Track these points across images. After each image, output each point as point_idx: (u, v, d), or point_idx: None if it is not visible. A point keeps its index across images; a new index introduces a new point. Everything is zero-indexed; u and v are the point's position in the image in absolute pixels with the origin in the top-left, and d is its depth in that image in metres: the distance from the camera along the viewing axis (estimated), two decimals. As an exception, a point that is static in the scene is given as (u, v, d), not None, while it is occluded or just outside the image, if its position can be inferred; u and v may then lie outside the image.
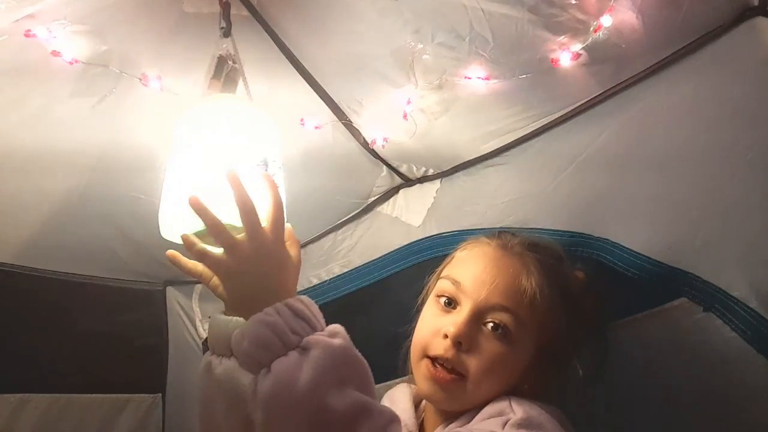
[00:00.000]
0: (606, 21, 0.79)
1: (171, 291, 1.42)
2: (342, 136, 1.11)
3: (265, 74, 0.95)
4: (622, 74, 0.87)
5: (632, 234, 0.87)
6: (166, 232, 0.71)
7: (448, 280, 0.80)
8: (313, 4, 0.89)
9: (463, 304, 0.77)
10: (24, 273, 1.20)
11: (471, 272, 0.78)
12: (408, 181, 1.22)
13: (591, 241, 0.91)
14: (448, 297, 0.78)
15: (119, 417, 1.32)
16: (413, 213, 1.19)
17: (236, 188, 0.62)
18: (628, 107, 0.89)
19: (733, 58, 0.78)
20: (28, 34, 0.82)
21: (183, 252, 0.77)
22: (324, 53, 0.97)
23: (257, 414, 0.57)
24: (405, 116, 1.02)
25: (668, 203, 0.84)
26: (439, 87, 0.96)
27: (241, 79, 0.82)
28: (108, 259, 1.28)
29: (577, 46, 0.83)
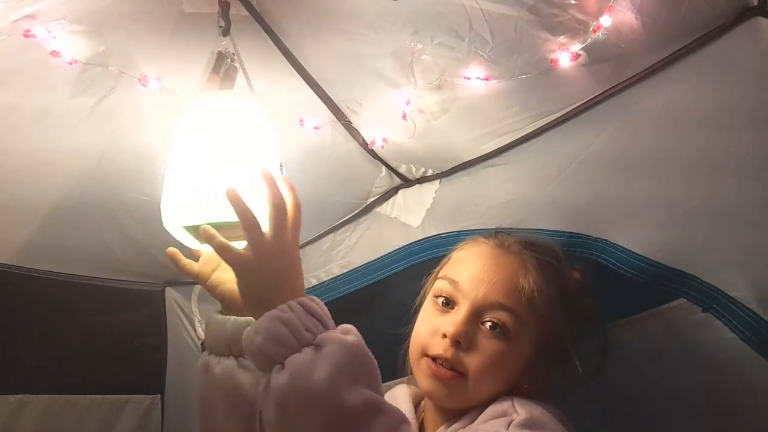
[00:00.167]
0: (605, 21, 0.79)
1: (170, 291, 1.42)
2: (341, 137, 1.11)
3: (264, 74, 0.95)
4: (622, 74, 0.87)
5: (631, 234, 0.87)
6: (169, 223, 0.70)
7: (445, 279, 0.80)
8: (313, 5, 0.89)
9: (461, 303, 0.77)
10: (23, 273, 1.20)
11: (468, 271, 0.78)
12: (407, 182, 1.22)
13: (590, 241, 0.91)
14: (445, 297, 0.78)
15: (118, 417, 1.32)
16: (412, 213, 1.19)
17: (270, 187, 0.64)
18: (627, 107, 0.89)
19: (733, 58, 0.78)
20: (27, 34, 0.82)
21: (183, 251, 0.78)
22: (323, 53, 0.97)
23: (270, 410, 0.57)
24: (404, 116, 1.02)
25: (667, 203, 0.84)
26: (439, 87, 0.96)
27: (243, 75, 0.82)
28: (107, 260, 1.27)
29: (577, 46, 0.83)
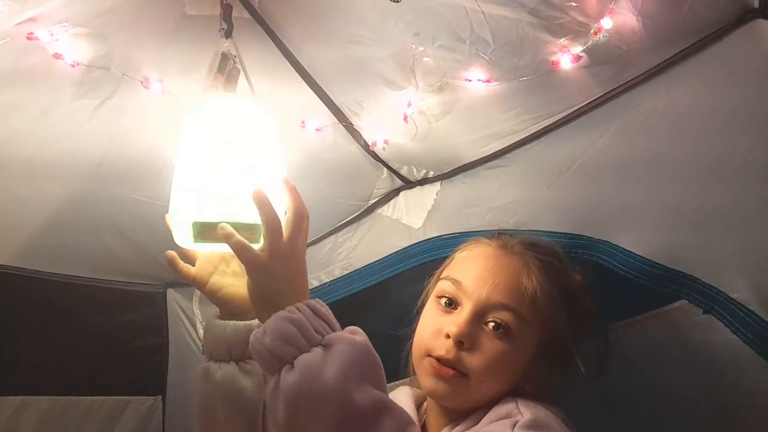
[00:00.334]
0: (606, 23, 0.79)
1: (171, 293, 1.43)
2: (343, 139, 1.12)
3: (266, 76, 0.95)
4: (623, 77, 0.87)
5: (632, 236, 0.87)
6: (179, 219, 0.70)
7: (448, 280, 0.80)
8: (314, 7, 0.90)
9: (463, 303, 0.77)
10: (25, 275, 1.20)
11: (471, 272, 0.78)
12: (408, 184, 1.22)
13: (591, 243, 0.91)
14: (448, 298, 0.78)
15: (120, 419, 1.33)
16: (414, 215, 1.20)
17: (292, 193, 0.67)
18: (628, 110, 0.89)
19: (734, 61, 0.78)
20: (30, 37, 0.82)
21: (180, 254, 0.77)
22: (325, 56, 0.97)
23: (279, 411, 0.57)
24: (405, 118, 1.02)
25: (668, 205, 0.84)
26: (440, 89, 0.97)
27: (244, 78, 0.82)
28: (109, 261, 1.28)
29: (578, 48, 0.83)
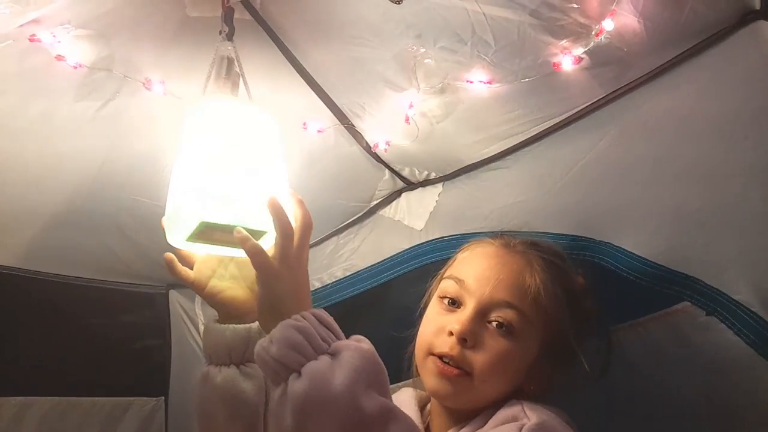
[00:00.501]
0: (608, 25, 0.79)
1: (174, 294, 1.43)
2: (344, 140, 1.12)
3: (267, 78, 0.96)
4: (624, 78, 0.87)
5: (634, 237, 0.87)
6: (188, 215, 0.70)
7: (451, 279, 0.80)
8: (316, 8, 0.90)
9: (467, 302, 0.77)
10: (27, 276, 1.21)
11: (474, 270, 0.78)
12: (410, 185, 1.22)
13: (593, 244, 0.91)
14: (451, 297, 0.78)
15: (122, 420, 1.32)
16: (415, 216, 1.20)
17: (300, 203, 0.68)
18: (629, 111, 0.89)
19: (735, 62, 0.78)
20: (32, 39, 0.82)
21: (179, 257, 0.78)
22: (326, 57, 0.97)
23: (286, 420, 0.57)
24: (407, 120, 1.02)
25: (670, 206, 0.84)
26: (441, 91, 0.97)
27: (241, 82, 0.83)
28: (110, 262, 1.28)
29: (579, 50, 0.83)
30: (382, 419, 0.57)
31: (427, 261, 1.13)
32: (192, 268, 0.78)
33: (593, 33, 0.81)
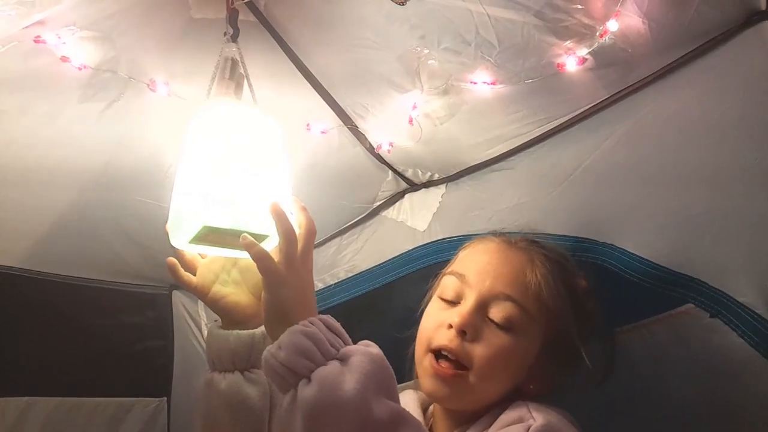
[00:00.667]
0: (612, 26, 0.79)
1: (177, 295, 1.43)
2: (348, 141, 1.12)
3: (271, 79, 0.96)
4: (628, 79, 0.87)
5: (637, 239, 0.86)
6: (192, 217, 0.70)
7: (452, 275, 0.79)
8: (320, 10, 0.90)
9: (467, 296, 0.76)
10: (31, 277, 1.21)
11: (475, 265, 0.78)
12: (413, 186, 1.22)
13: (595, 246, 0.91)
14: (452, 293, 0.78)
15: (125, 420, 1.32)
16: (418, 217, 1.19)
17: (303, 210, 0.69)
18: (634, 112, 0.88)
19: (740, 63, 0.77)
20: (37, 40, 0.82)
21: (181, 262, 0.78)
22: (330, 58, 0.97)
23: (296, 426, 0.57)
24: (411, 121, 1.02)
25: (674, 208, 0.83)
26: (445, 92, 0.97)
27: (246, 84, 0.83)
28: (114, 263, 1.28)
29: (583, 50, 0.83)
30: (393, 424, 0.56)
31: (430, 262, 1.13)
32: (195, 274, 0.78)
33: (597, 34, 0.81)
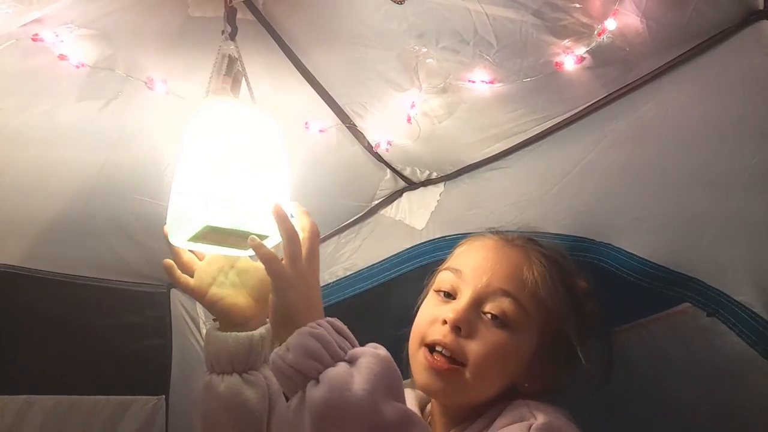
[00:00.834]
0: (610, 24, 0.79)
1: (175, 293, 1.43)
2: (346, 140, 1.12)
3: (269, 77, 0.96)
4: (627, 78, 0.87)
5: (635, 238, 0.87)
6: (194, 217, 0.70)
7: (448, 271, 0.79)
8: (318, 8, 0.90)
9: (463, 291, 0.76)
10: (28, 275, 1.20)
11: (472, 261, 0.78)
12: (412, 185, 1.22)
13: (594, 245, 0.91)
14: (447, 289, 0.78)
15: (123, 418, 1.32)
16: (417, 216, 1.20)
17: (305, 213, 0.69)
18: (632, 111, 0.88)
19: (738, 62, 0.77)
20: (35, 38, 0.82)
21: (177, 263, 0.78)
22: (328, 57, 0.97)
23: (305, 427, 0.57)
24: (409, 120, 1.02)
25: (672, 207, 0.83)
26: (443, 91, 0.97)
27: (244, 82, 0.83)
28: (112, 261, 1.28)
29: (582, 49, 0.83)
30: (402, 425, 0.56)
31: (428, 260, 1.13)
32: (192, 275, 0.78)
33: (596, 33, 0.81)
